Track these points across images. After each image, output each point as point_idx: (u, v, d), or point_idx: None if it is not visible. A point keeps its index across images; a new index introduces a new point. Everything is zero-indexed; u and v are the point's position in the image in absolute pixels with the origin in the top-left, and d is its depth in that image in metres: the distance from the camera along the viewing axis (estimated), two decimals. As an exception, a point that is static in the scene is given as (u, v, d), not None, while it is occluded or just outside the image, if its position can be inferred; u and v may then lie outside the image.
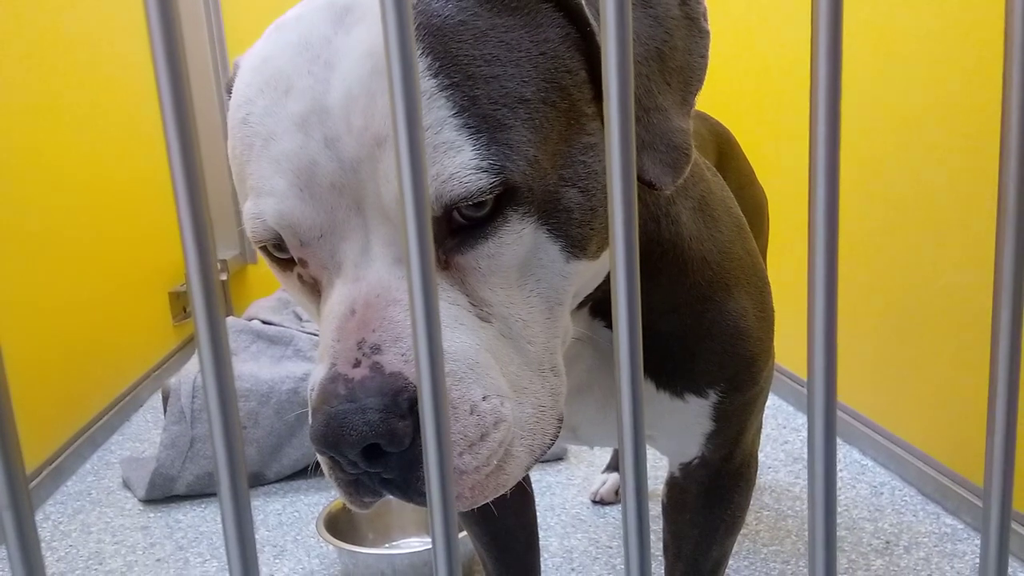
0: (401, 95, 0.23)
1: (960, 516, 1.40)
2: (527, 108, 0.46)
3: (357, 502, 0.50)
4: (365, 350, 0.45)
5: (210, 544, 1.47)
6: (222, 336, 0.23)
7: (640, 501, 0.29)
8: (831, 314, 0.28)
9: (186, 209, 0.21)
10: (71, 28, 2.02)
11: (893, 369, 1.56)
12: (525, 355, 0.49)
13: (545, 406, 0.50)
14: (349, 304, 0.46)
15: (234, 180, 0.53)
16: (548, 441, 0.51)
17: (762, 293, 0.71)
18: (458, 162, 0.44)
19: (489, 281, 0.48)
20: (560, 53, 0.48)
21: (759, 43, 1.95)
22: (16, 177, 1.71)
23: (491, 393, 0.47)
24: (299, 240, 0.48)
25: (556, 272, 0.49)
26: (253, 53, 0.50)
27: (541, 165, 0.47)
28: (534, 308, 0.49)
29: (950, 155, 1.35)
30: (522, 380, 0.49)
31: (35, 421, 1.69)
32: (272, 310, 2.14)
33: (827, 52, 0.26)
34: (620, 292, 0.27)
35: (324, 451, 0.45)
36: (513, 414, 0.48)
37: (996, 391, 0.30)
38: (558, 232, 0.48)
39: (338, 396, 0.44)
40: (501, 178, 0.45)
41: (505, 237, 0.47)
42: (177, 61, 0.21)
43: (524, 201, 0.46)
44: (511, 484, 0.49)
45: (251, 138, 0.48)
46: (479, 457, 0.46)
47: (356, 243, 0.47)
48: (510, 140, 0.45)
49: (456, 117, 0.44)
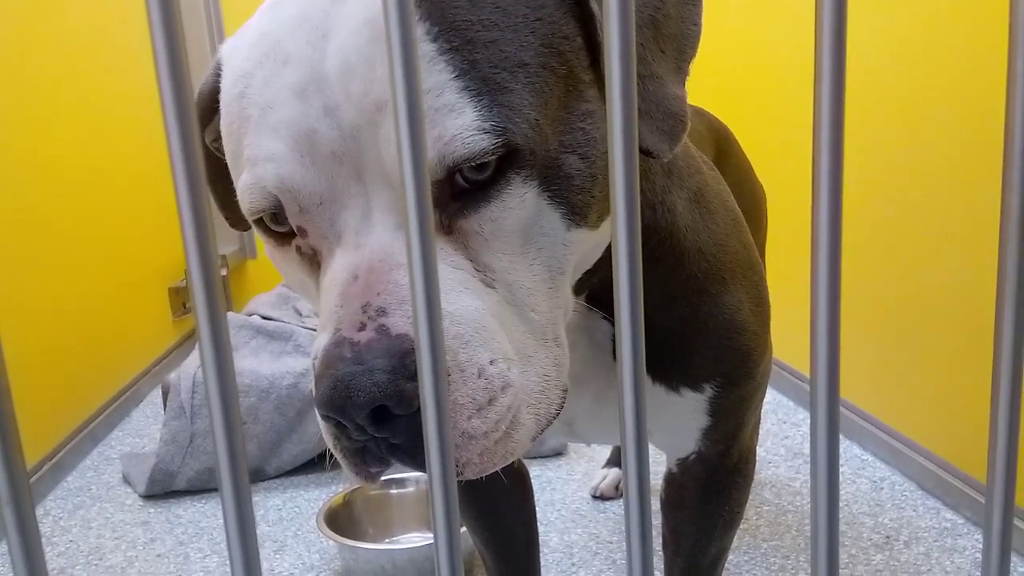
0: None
1: (960, 511, 1.41)
2: (527, 72, 0.46)
3: (363, 472, 0.48)
4: (370, 313, 0.44)
5: (210, 539, 1.48)
6: (223, 331, 0.23)
7: (642, 495, 0.28)
8: (834, 309, 0.28)
9: (187, 203, 0.21)
10: (69, 24, 2.01)
11: (894, 364, 1.56)
12: (529, 323, 0.49)
13: (549, 375, 0.50)
14: (351, 270, 0.46)
15: (228, 159, 0.52)
16: (553, 411, 0.50)
17: (758, 287, 0.70)
18: (460, 123, 0.44)
19: (492, 246, 0.47)
20: (557, 19, 0.48)
21: (761, 37, 1.94)
22: (15, 174, 1.71)
23: (498, 357, 0.46)
24: (299, 206, 0.47)
25: (558, 240, 0.49)
26: (250, 28, 0.50)
27: (542, 129, 0.46)
28: (537, 276, 0.49)
29: (954, 151, 1.35)
30: (527, 348, 0.48)
31: (35, 417, 1.69)
32: (272, 305, 2.14)
33: (831, 47, 0.26)
34: (622, 274, 0.27)
35: (331, 415, 0.44)
36: (520, 380, 0.47)
37: (999, 387, 0.30)
38: (559, 199, 0.48)
39: (344, 359, 0.43)
40: (503, 139, 0.44)
41: (508, 200, 0.47)
42: (178, 56, 0.21)
43: (526, 164, 0.46)
44: (519, 453, 0.48)
45: (248, 109, 0.47)
46: (488, 421, 0.45)
47: (356, 211, 0.47)
48: (511, 103, 0.45)
49: (457, 80, 0.44)
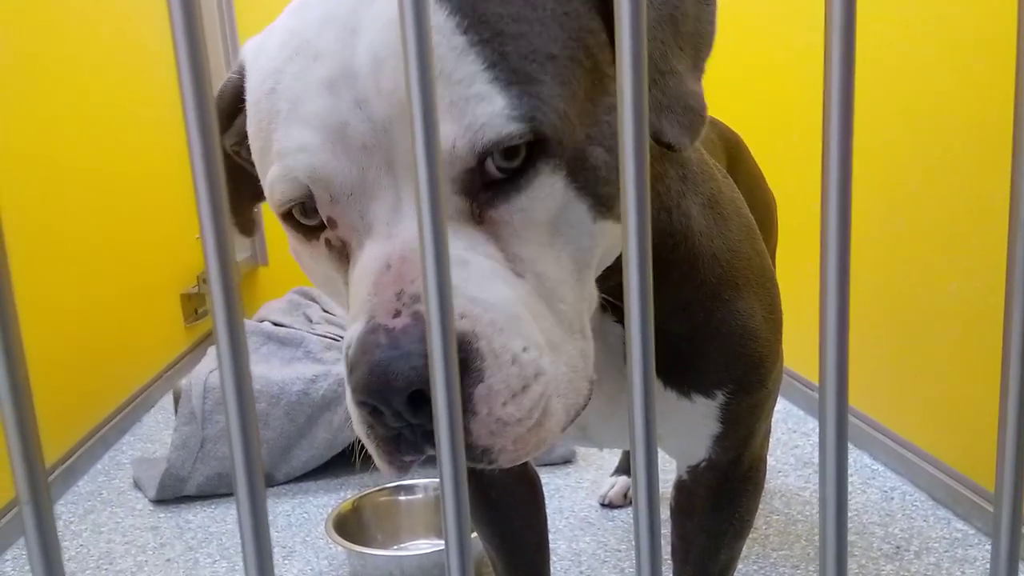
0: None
1: (971, 521, 1.40)
2: (555, 64, 0.47)
3: (397, 462, 0.48)
4: (404, 300, 0.45)
5: (220, 545, 1.48)
6: (240, 336, 0.23)
7: (651, 494, 0.29)
8: (843, 318, 0.28)
9: (206, 208, 0.22)
10: (87, 29, 2.03)
11: (904, 373, 1.56)
12: (557, 314, 0.49)
13: (577, 367, 0.50)
14: (384, 260, 0.46)
15: (255, 156, 0.53)
16: (581, 402, 0.50)
17: (771, 295, 0.71)
18: (490, 111, 0.45)
19: (522, 236, 0.48)
20: (582, 13, 0.49)
21: (770, 44, 1.94)
22: (29, 179, 1.72)
23: (531, 345, 0.46)
24: (330, 196, 0.48)
25: (584, 232, 0.50)
26: (277, 28, 0.51)
27: (570, 120, 0.47)
28: (564, 268, 0.50)
29: (963, 158, 1.34)
30: (555, 339, 0.49)
31: (47, 421, 1.70)
32: (283, 312, 2.15)
33: (840, 54, 0.26)
34: (632, 270, 0.27)
35: (368, 401, 0.44)
36: (551, 369, 0.48)
37: (1007, 395, 0.30)
38: (586, 190, 0.49)
39: (380, 345, 0.43)
40: (533, 126, 0.45)
41: (538, 190, 0.47)
42: (199, 61, 0.22)
43: (555, 154, 0.47)
44: (549, 442, 0.48)
45: (278, 104, 0.48)
46: (522, 408, 0.46)
47: (387, 202, 0.47)
48: (540, 93, 0.46)
49: (487, 71, 0.45)
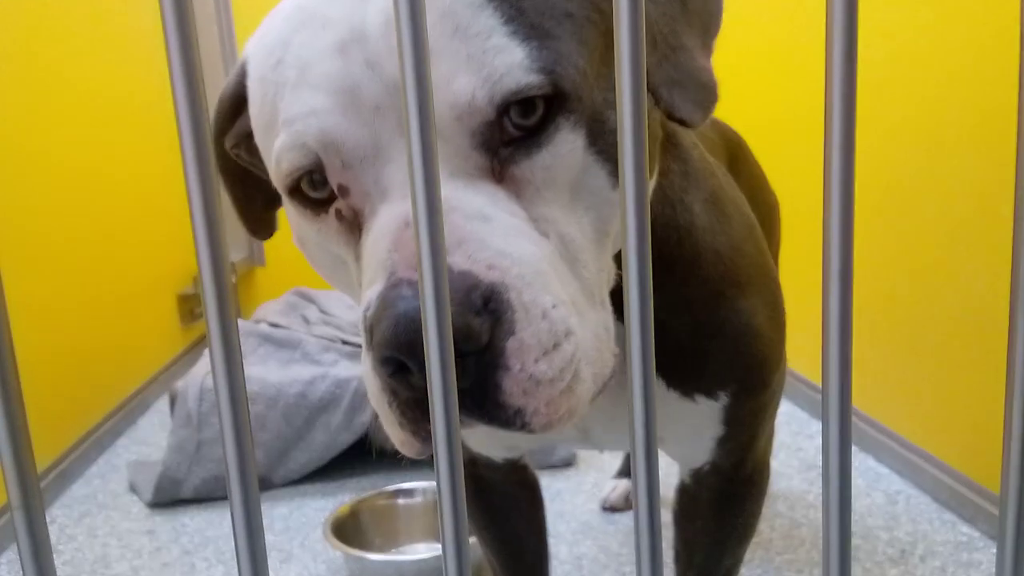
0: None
1: (976, 525, 1.39)
2: (572, 22, 0.47)
3: (421, 431, 0.45)
4: None
5: (216, 549, 1.47)
6: (234, 337, 0.23)
7: (652, 503, 0.28)
8: (846, 319, 0.27)
9: (199, 209, 0.21)
10: (81, 28, 2.03)
11: (908, 375, 1.55)
12: (580, 279, 0.49)
13: (601, 336, 0.49)
14: (403, 218, 0.45)
15: (258, 136, 0.52)
16: (607, 372, 0.49)
17: (774, 294, 0.70)
18: (509, 62, 0.45)
19: (544, 196, 0.48)
20: None
21: (772, 45, 1.94)
22: (24, 180, 1.72)
23: (560, 303, 0.45)
24: (341, 161, 0.47)
25: (604, 199, 0.49)
26: (283, 7, 0.51)
27: (588, 78, 0.47)
28: (586, 232, 0.49)
29: (967, 159, 1.34)
30: (580, 304, 0.48)
31: (42, 424, 1.70)
32: (280, 313, 2.14)
33: (842, 55, 0.26)
34: (631, 261, 0.27)
35: (394, 355, 0.42)
36: (580, 331, 0.46)
37: (1013, 398, 0.30)
38: (605, 156, 0.49)
39: (404, 297, 0.42)
40: (552, 78, 0.45)
41: (559, 147, 0.47)
42: (192, 62, 0.21)
43: (574, 110, 0.47)
44: (579, 412, 0.46)
45: (286, 72, 0.47)
46: (554, 367, 0.44)
47: (403, 165, 0.46)
48: (559, 48, 0.46)
49: (505, 25, 0.45)
